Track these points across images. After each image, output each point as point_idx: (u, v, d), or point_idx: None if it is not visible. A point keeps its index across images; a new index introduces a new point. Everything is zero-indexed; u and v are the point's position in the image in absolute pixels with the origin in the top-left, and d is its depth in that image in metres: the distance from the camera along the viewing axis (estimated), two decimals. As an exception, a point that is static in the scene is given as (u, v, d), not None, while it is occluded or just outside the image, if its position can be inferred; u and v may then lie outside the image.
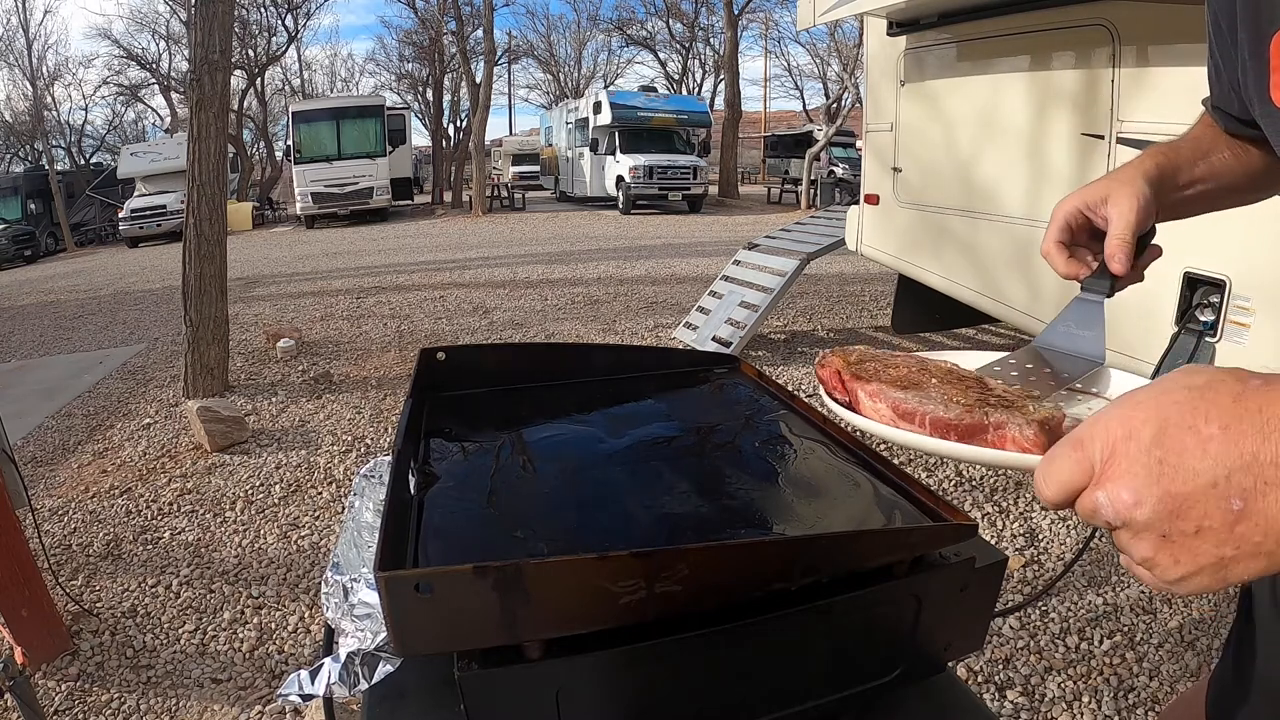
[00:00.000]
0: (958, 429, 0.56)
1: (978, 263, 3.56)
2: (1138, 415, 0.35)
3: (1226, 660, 0.79)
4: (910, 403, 0.58)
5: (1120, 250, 0.67)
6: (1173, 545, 0.35)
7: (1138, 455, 0.35)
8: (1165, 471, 0.34)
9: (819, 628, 0.62)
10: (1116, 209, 0.68)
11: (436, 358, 0.95)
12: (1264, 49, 0.57)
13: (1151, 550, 0.35)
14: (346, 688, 0.60)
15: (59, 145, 26.17)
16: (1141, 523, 0.35)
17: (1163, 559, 0.35)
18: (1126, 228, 0.67)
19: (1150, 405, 0.35)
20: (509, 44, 29.39)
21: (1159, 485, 0.34)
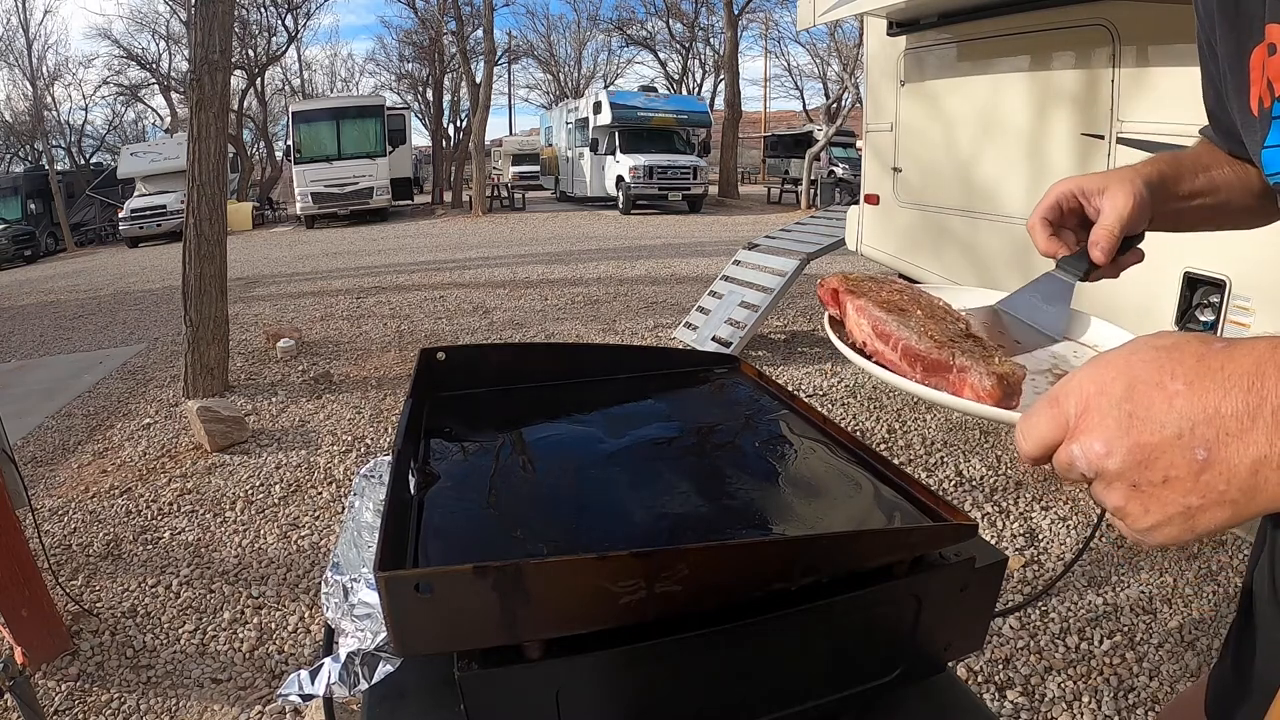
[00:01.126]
0: (924, 361, 0.58)
1: (978, 263, 3.56)
2: (1108, 373, 0.37)
3: (1226, 659, 0.79)
4: (889, 325, 0.61)
5: (1105, 240, 0.68)
6: (1142, 494, 0.36)
7: (1109, 409, 0.37)
8: (1134, 424, 0.36)
9: (819, 628, 0.62)
10: (1111, 201, 0.69)
11: (436, 358, 0.95)
12: (1244, 63, 0.58)
13: (1123, 500, 0.37)
14: (346, 688, 0.60)
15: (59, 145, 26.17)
16: (1113, 472, 0.37)
17: (1133, 508, 0.37)
18: (1117, 220, 0.68)
19: (1120, 364, 0.37)
20: (509, 44, 29.41)
21: (1129, 437, 0.36)
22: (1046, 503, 2.83)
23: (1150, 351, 0.37)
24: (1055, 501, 2.83)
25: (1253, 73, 0.57)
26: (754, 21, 27.53)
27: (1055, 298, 0.71)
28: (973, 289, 0.76)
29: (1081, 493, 2.88)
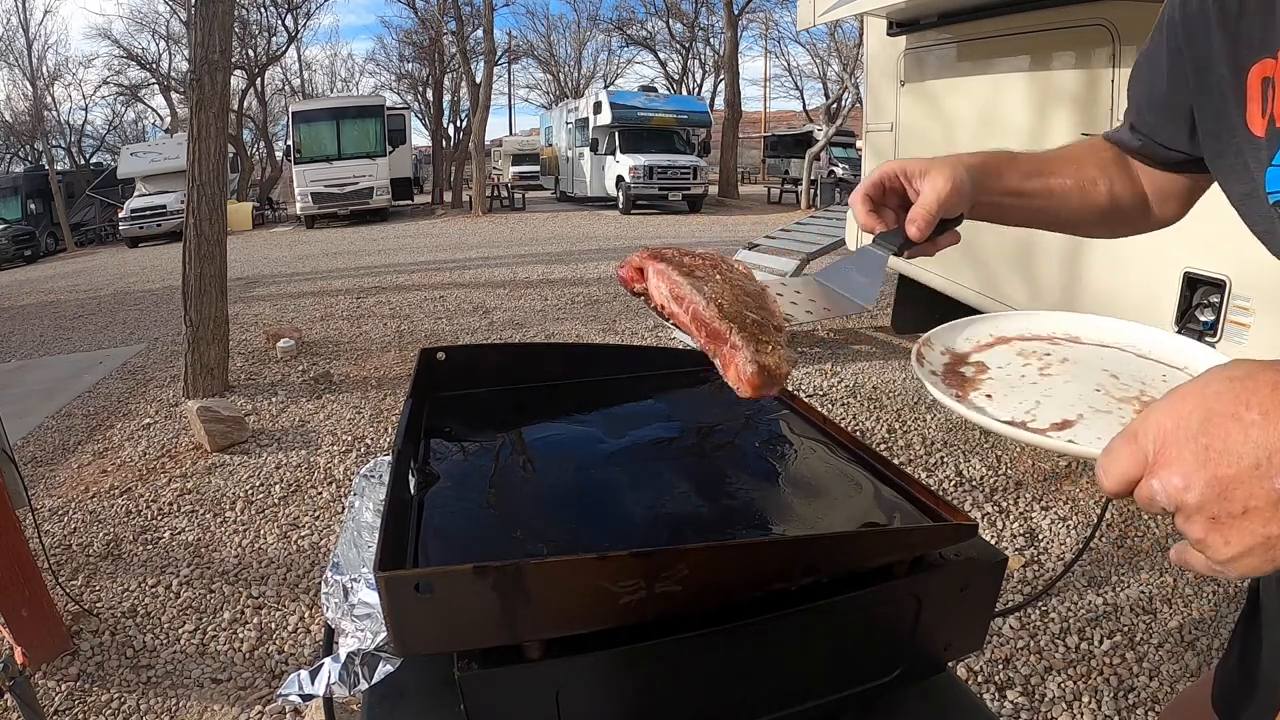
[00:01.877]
0: (707, 328, 0.60)
1: (978, 263, 3.56)
2: (1185, 406, 0.38)
3: (1232, 656, 0.79)
4: (684, 289, 0.62)
5: (921, 219, 0.71)
6: (1222, 526, 0.37)
7: (1185, 443, 0.37)
8: (1211, 457, 0.36)
9: (819, 628, 0.62)
10: (931, 184, 0.71)
11: (436, 358, 0.95)
12: (1242, 80, 0.58)
13: (1203, 532, 0.37)
14: (346, 688, 0.60)
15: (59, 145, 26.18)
16: (1192, 505, 0.37)
17: (1214, 540, 0.37)
18: (935, 201, 0.71)
19: (1195, 397, 0.38)
20: (509, 44, 29.41)
21: (1206, 470, 0.36)
22: (1046, 503, 2.83)
23: (1224, 383, 0.37)
24: (1055, 501, 2.83)
25: (1250, 90, 0.58)
26: (754, 21, 27.55)
27: (869, 269, 0.74)
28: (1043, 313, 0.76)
29: (1082, 493, 2.88)
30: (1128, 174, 0.79)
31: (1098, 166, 0.79)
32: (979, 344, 0.72)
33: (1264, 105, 0.57)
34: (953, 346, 0.72)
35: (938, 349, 0.71)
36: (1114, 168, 0.79)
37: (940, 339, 0.73)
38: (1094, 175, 0.78)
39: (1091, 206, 0.79)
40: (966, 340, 0.73)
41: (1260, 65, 0.56)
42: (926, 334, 0.73)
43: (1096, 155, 0.80)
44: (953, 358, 0.70)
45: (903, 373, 4.43)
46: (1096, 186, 0.78)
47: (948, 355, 0.71)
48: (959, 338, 0.73)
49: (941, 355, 0.70)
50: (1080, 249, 2.90)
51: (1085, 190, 0.78)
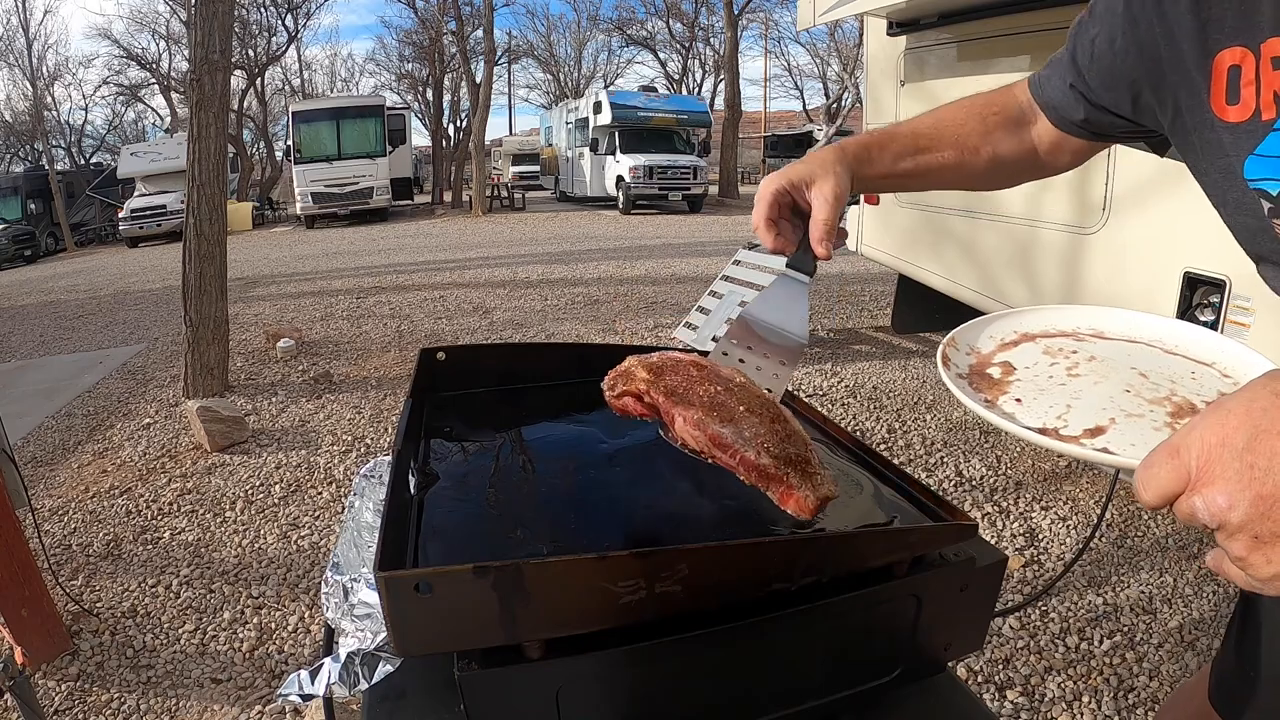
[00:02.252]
0: (758, 472, 0.61)
1: (978, 262, 3.56)
2: (1230, 422, 0.37)
3: (1228, 648, 0.79)
4: (728, 438, 0.61)
5: (826, 236, 0.72)
6: (1265, 546, 0.36)
7: (1230, 461, 0.37)
8: (1256, 475, 0.36)
9: (819, 628, 0.62)
10: (820, 195, 0.72)
11: (436, 358, 0.95)
12: (1208, 65, 0.58)
13: (1245, 550, 0.37)
14: (346, 688, 0.60)
15: (59, 145, 26.20)
16: (1235, 524, 0.37)
17: (1255, 559, 0.37)
18: (831, 214, 0.72)
19: (1241, 413, 0.37)
20: (509, 44, 29.43)
21: (1250, 489, 0.36)
22: (1046, 503, 2.83)
23: (1270, 398, 0.36)
24: (1055, 501, 2.83)
25: (1215, 74, 0.58)
26: (754, 21, 27.56)
27: (795, 300, 0.75)
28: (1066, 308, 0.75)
29: (1082, 493, 2.88)
30: (1016, 135, 0.80)
31: (981, 134, 0.79)
32: (1003, 342, 0.71)
33: (1230, 93, 0.58)
34: (976, 345, 0.71)
35: (962, 349, 0.70)
36: (1000, 131, 0.80)
37: (964, 337, 0.71)
38: (975, 144, 0.79)
39: (969, 174, 0.81)
40: (990, 338, 0.72)
41: (1230, 52, 0.57)
42: (951, 333, 0.71)
43: (983, 120, 0.80)
44: (979, 358, 0.69)
45: (903, 372, 4.43)
46: (978, 155, 0.79)
47: (973, 355, 0.70)
48: (983, 335, 0.72)
49: (967, 355, 0.69)
50: (1081, 249, 2.90)
51: (964, 162, 0.79)
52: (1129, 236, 2.68)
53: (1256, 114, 0.56)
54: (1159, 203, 2.54)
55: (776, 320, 0.75)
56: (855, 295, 6.75)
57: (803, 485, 0.61)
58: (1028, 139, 0.80)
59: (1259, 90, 0.56)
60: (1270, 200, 0.59)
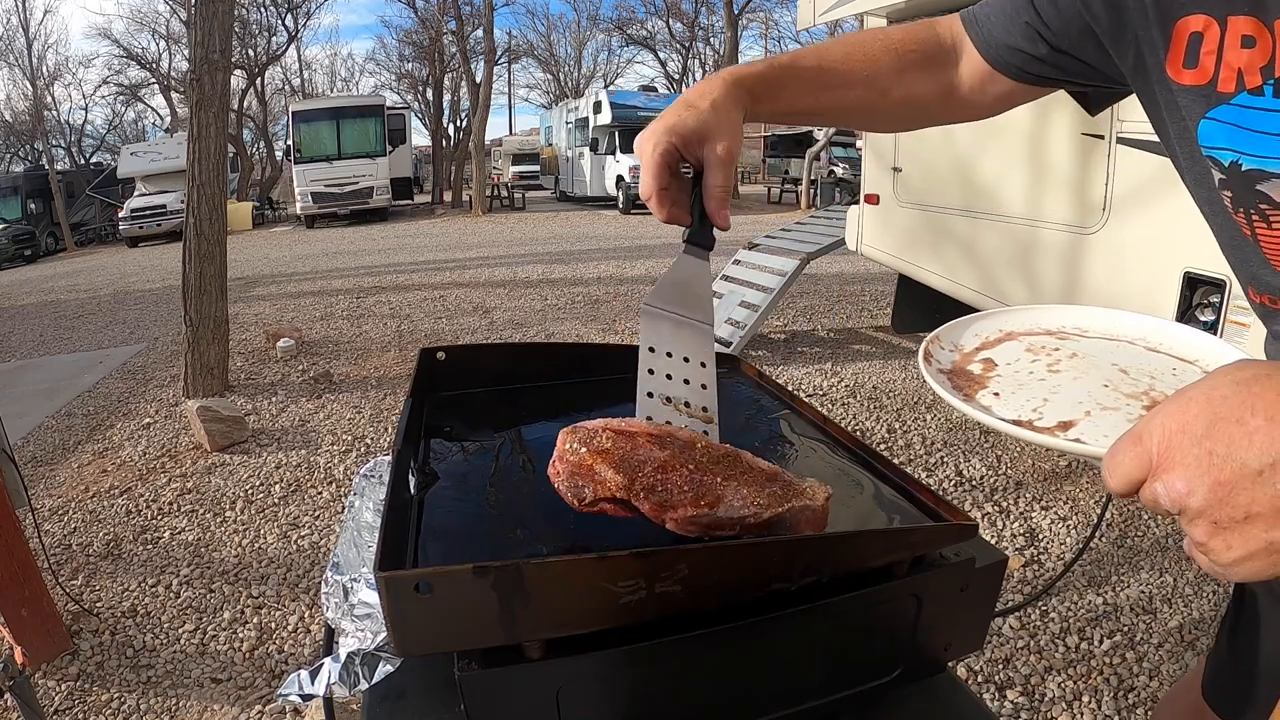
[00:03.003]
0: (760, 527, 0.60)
1: (978, 262, 3.56)
2: (1191, 410, 0.38)
3: (1222, 643, 0.79)
4: (721, 517, 0.59)
5: (725, 204, 0.66)
6: (1225, 531, 0.37)
7: (1189, 447, 0.37)
8: (1215, 462, 0.36)
9: (819, 628, 0.62)
10: (713, 154, 0.65)
11: (436, 358, 0.95)
12: (1169, 28, 0.58)
13: (1205, 536, 0.37)
14: (346, 688, 0.60)
15: (59, 145, 26.21)
16: (1195, 510, 0.37)
17: (1216, 544, 0.37)
18: (727, 178, 0.65)
19: (1201, 400, 0.37)
20: (509, 44, 29.43)
21: (1209, 475, 0.36)
22: (1046, 503, 2.83)
23: (1230, 386, 0.37)
24: (1055, 501, 2.83)
25: (1175, 39, 0.58)
26: (754, 21, 27.56)
27: (695, 279, 0.69)
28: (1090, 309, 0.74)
29: (1082, 493, 2.88)
30: (934, 74, 0.75)
31: (896, 71, 0.74)
32: (987, 340, 0.71)
33: (1188, 57, 0.57)
34: (960, 343, 0.71)
35: (946, 346, 0.70)
36: (917, 71, 0.74)
37: (948, 335, 0.71)
38: (887, 84, 0.74)
39: (877, 115, 0.77)
40: (975, 336, 0.72)
41: (1194, 19, 0.56)
42: (935, 331, 0.71)
43: (899, 57, 0.74)
44: (961, 355, 0.69)
45: (903, 372, 4.43)
46: (888, 96, 0.74)
47: (956, 352, 0.70)
48: (967, 334, 0.72)
49: (950, 352, 0.69)
50: (1081, 249, 2.90)
51: (873, 103, 0.74)
52: (1129, 236, 2.68)
53: (1213, 83, 0.56)
54: (1159, 203, 2.54)
55: (680, 307, 0.69)
56: (855, 295, 6.76)
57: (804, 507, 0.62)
58: (946, 79, 0.75)
59: (1219, 62, 0.56)
60: (1221, 170, 0.59)
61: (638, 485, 0.59)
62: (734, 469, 0.62)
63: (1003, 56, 0.72)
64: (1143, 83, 0.64)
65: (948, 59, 0.75)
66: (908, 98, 0.74)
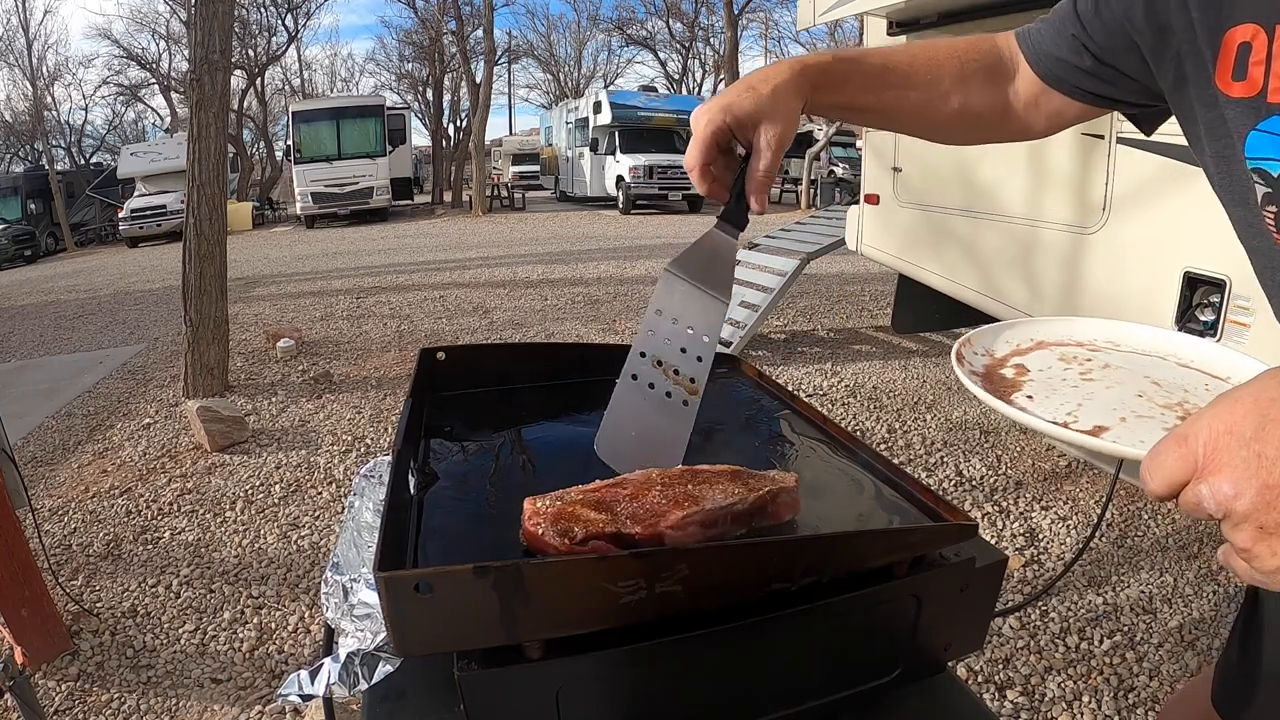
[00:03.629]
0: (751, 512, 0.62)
1: (978, 262, 3.56)
2: (1238, 411, 0.37)
3: (1232, 650, 0.78)
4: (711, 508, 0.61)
5: (765, 189, 0.66)
6: (1270, 537, 0.36)
7: (1237, 449, 0.36)
8: (1263, 465, 0.35)
9: (819, 628, 0.62)
10: (765, 140, 0.65)
11: (436, 358, 0.95)
12: (1217, 40, 0.57)
13: (1250, 541, 0.36)
14: (346, 688, 0.60)
15: (59, 145, 26.21)
16: (1240, 513, 0.36)
17: (1261, 550, 0.36)
18: (773, 165, 0.65)
19: (1249, 402, 0.37)
20: (509, 44, 29.41)
21: (1257, 478, 0.35)
22: (1046, 503, 2.83)
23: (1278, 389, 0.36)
24: (1055, 501, 2.83)
25: (1223, 51, 0.57)
26: (754, 21, 27.56)
27: (720, 256, 0.69)
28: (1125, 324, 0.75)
29: (1083, 493, 2.88)
30: (992, 86, 0.75)
31: (957, 78, 0.74)
32: (1018, 348, 0.72)
33: (1237, 69, 0.56)
34: (992, 348, 0.72)
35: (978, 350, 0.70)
36: (977, 80, 0.74)
37: (980, 340, 0.72)
38: (947, 89, 0.73)
39: (933, 121, 0.76)
40: (1006, 343, 0.73)
41: (1242, 29, 0.55)
42: (966, 334, 0.72)
43: (961, 64, 0.74)
44: (992, 360, 0.70)
45: (903, 372, 4.43)
46: (947, 102, 0.74)
47: (987, 356, 0.70)
48: (998, 340, 0.73)
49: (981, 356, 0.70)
50: (1081, 249, 2.90)
51: (931, 106, 0.74)
52: (1129, 236, 2.68)
53: (1263, 93, 0.56)
54: (1159, 203, 2.54)
55: (698, 278, 0.69)
56: (855, 295, 6.76)
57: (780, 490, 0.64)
58: (1003, 93, 0.75)
59: (1268, 71, 0.55)
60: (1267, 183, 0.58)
61: (621, 514, 0.60)
62: (698, 477, 0.64)
63: (1052, 69, 0.72)
64: (1181, 99, 0.63)
65: (1005, 72, 0.75)
66: (965, 107, 0.74)
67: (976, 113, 0.75)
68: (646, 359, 0.70)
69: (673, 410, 0.70)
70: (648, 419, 0.71)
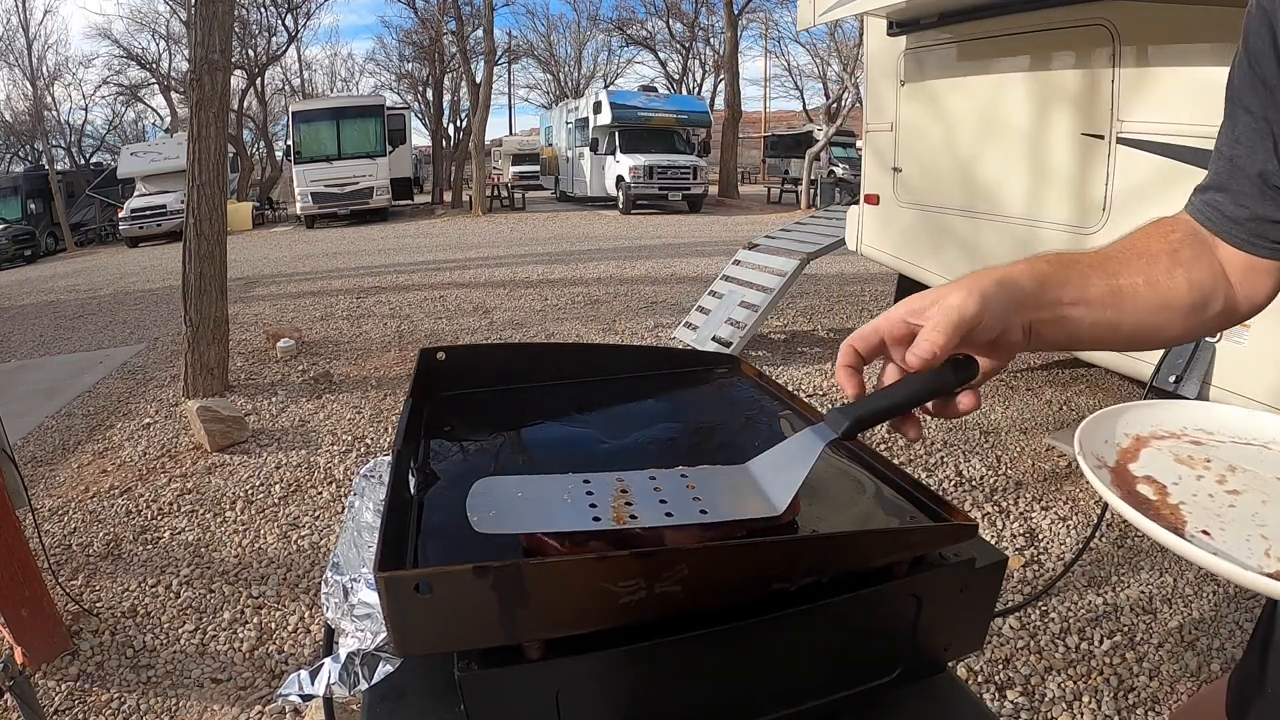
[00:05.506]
0: None
1: (978, 262, 3.55)
2: None
3: (1251, 662, 0.76)
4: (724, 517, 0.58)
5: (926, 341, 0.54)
6: None
7: None
8: None
9: (819, 628, 0.62)
10: (939, 305, 0.55)
11: (436, 358, 0.95)
12: None
13: None
14: (346, 688, 0.60)
15: (59, 145, 26.21)
16: None
17: None
18: (948, 323, 0.54)
19: None
20: (509, 44, 29.40)
21: None
22: (1046, 503, 2.83)
23: None
24: (1055, 501, 2.83)
25: None
26: (754, 21, 27.57)
27: (794, 462, 0.60)
28: None
29: (1082, 493, 2.88)
30: (1206, 255, 0.65)
31: (1168, 254, 0.64)
32: (1122, 448, 0.61)
33: None
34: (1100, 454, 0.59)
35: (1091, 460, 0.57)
36: (1187, 250, 0.64)
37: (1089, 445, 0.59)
38: (1166, 265, 0.63)
39: (1170, 304, 0.63)
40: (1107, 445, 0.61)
41: None
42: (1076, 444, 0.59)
43: (1164, 239, 0.65)
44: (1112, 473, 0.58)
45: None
46: (1173, 278, 0.63)
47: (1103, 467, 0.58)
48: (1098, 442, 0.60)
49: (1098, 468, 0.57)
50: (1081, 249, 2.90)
51: (1159, 285, 0.62)
52: (1129, 236, 2.68)
53: None
54: (1160, 203, 2.53)
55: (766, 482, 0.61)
56: (855, 295, 6.76)
57: None
58: (1216, 263, 0.64)
59: None
60: None
61: None
62: None
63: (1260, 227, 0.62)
64: None
65: (1206, 241, 0.65)
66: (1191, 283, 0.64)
67: (1203, 289, 0.64)
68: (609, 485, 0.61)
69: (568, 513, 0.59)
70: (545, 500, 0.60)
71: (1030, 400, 3.91)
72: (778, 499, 0.59)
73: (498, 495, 0.60)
